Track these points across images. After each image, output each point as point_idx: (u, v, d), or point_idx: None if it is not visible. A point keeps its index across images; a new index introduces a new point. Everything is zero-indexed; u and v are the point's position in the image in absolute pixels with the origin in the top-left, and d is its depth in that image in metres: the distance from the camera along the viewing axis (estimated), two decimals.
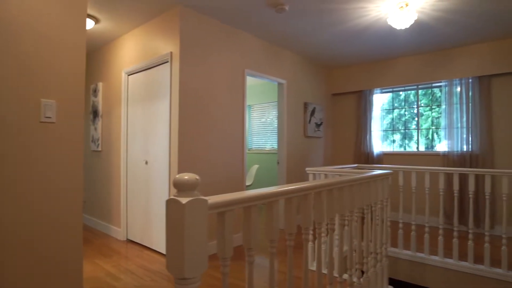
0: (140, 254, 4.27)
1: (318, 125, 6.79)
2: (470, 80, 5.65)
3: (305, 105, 6.44)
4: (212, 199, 1.20)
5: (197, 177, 1.11)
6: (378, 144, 6.77)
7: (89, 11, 4.27)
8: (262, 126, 8.49)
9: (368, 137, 6.78)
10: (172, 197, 1.09)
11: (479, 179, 5.45)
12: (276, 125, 7.80)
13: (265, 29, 4.91)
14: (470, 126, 5.64)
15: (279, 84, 5.91)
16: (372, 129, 6.75)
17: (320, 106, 6.87)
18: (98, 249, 4.46)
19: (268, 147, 8.32)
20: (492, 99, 5.55)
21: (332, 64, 7.03)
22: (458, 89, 5.77)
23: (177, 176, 1.09)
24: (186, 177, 1.08)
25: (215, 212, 1.24)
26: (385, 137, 6.90)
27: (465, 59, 5.69)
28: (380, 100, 6.88)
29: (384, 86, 6.63)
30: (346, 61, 6.79)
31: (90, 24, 4.51)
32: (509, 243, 4.84)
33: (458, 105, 5.75)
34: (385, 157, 6.72)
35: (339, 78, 7.29)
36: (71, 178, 2.09)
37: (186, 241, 1.06)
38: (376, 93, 6.79)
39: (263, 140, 8.45)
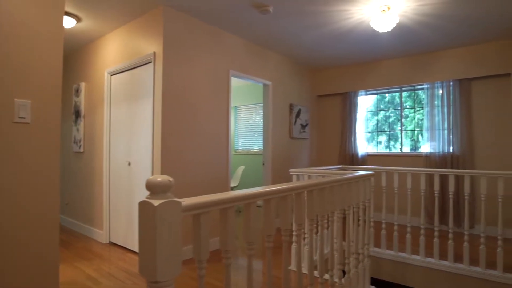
0: (123, 257, 4.22)
1: (303, 127, 6.82)
2: (451, 83, 5.74)
3: (291, 106, 6.46)
4: (186, 201, 1.18)
5: (171, 179, 1.10)
6: (363, 146, 6.82)
7: (71, 10, 4.20)
8: (250, 127, 8.47)
9: (352, 138, 6.82)
10: (144, 199, 1.07)
11: (459, 179, 5.53)
12: None
13: (250, 30, 4.90)
14: (451, 128, 5.72)
15: (265, 85, 5.91)
16: (356, 130, 6.79)
17: (306, 107, 6.90)
18: (79, 252, 4.39)
19: (255, 148, 8.31)
20: (472, 101, 5.65)
21: (317, 66, 7.06)
22: (440, 91, 5.85)
23: (150, 178, 1.07)
24: (159, 179, 1.07)
25: (190, 214, 1.22)
26: (371, 139, 6.95)
27: (446, 62, 5.77)
28: (366, 102, 6.93)
29: (368, 88, 6.68)
30: (331, 63, 6.82)
31: (71, 22, 4.45)
32: (487, 242, 4.91)
33: (440, 108, 5.83)
34: (369, 159, 6.77)
35: (324, 79, 7.32)
36: (47, 180, 2.05)
37: (158, 243, 1.04)
38: (361, 95, 6.84)
39: (251, 141, 8.43)
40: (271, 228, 1.67)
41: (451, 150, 5.73)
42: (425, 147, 6.03)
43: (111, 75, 4.93)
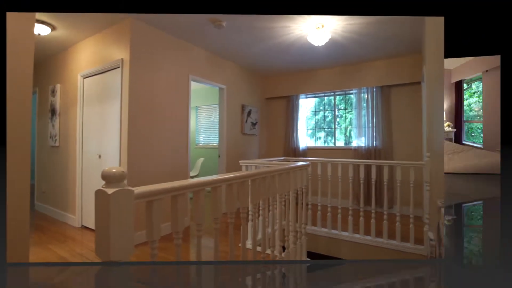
0: (93, 239, 4.04)
1: (253, 124, 6.84)
2: (374, 89, 5.97)
3: (243, 107, 6.46)
4: (139, 189, 1.16)
5: (124, 170, 1.07)
6: (305, 141, 6.94)
7: (46, 19, 3.95)
8: (210, 124, 8.37)
9: (295, 134, 6.93)
10: (100, 188, 1.04)
11: (380, 169, 5.77)
12: None
13: (208, 41, 4.86)
14: (375, 126, 5.96)
15: (220, 89, 5.89)
16: (298, 128, 6.90)
17: (256, 108, 6.92)
18: (53, 235, 4.17)
19: (214, 143, 8.25)
20: (391, 105, 5.91)
21: (265, 72, 7.10)
22: (366, 96, 6.07)
23: (105, 169, 1.04)
24: (113, 170, 1.04)
25: (144, 201, 1.20)
26: (312, 135, 7.09)
27: (370, 72, 6.00)
28: (307, 104, 7.05)
29: (308, 92, 6.81)
30: (277, 70, 6.89)
31: (46, 30, 4.20)
32: (401, 219, 5.17)
33: (366, 109, 6.05)
34: (309, 151, 6.91)
35: (271, 84, 7.38)
36: (17, 171, 1.93)
37: (111, 228, 1.02)
38: (302, 98, 6.95)
39: (211, 137, 8.35)
40: (219, 212, 1.68)
41: (374, 145, 5.97)
42: (355, 142, 6.24)
43: (84, 77, 4.70)
